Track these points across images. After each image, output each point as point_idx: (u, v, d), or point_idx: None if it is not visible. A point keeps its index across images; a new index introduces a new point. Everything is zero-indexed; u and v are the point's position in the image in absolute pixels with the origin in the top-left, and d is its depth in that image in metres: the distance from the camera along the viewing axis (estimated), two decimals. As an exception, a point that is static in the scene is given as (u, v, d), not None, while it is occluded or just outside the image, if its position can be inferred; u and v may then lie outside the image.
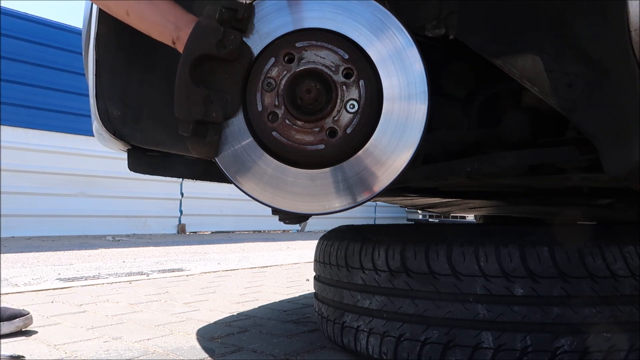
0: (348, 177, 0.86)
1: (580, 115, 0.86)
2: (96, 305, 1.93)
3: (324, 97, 0.85)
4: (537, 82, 0.88)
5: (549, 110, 1.05)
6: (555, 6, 0.87)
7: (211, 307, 1.91)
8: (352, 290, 1.21)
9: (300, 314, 1.80)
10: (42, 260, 3.77)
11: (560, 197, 1.75)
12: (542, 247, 1.02)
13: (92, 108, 1.17)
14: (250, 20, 0.86)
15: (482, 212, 2.91)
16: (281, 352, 1.31)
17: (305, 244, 6.29)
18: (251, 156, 0.88)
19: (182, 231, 8.06)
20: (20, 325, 1.46)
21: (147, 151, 1.27)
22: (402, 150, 0.84)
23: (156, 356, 1.27)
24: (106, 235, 6.91)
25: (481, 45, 0.93)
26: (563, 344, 0.98)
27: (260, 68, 0.86)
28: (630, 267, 1.01)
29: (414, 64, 0.84)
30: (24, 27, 6.63)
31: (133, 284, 2.50)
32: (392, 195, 1.93)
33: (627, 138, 0.82)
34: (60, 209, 6.74)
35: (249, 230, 9.13)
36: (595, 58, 0.84)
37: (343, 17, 0.85)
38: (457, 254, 1.06)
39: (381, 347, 1.13)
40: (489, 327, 1.02)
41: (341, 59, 0.84)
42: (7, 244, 5.09)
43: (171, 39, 0.92)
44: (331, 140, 0.84)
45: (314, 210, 0.89)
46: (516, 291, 1.01)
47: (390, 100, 0.84)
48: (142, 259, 4.01)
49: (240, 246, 5.73)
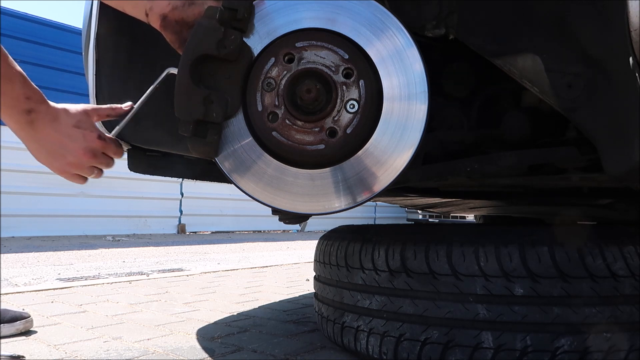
0: (348, 177, 0.86)
1: (580, 115, 0.86)
2: (96, 305, 1.93)
3: (324, 97, 0.85)
4: (537, 82, 0.88)
5: (549, 110, 1.05)
6: (556, 6, 0.87)
7: (211, 307, 1.91)
8: (352, 290, 1.21)
9: (300, 314, 1.80)
10: (42, 260, 3.77)
11: (560, 197, 1.75)
12: (542, 247, 1.02)
13: (92, 108, 1.16)
14: (250, 21, 0.86)
15: (482, 212, 2.91)
16: (281, 352, 1.31)
17: (305, 244, 6.29)
18: (251, 156, 0.88)
19: (182, 231, 8.05)
20: (21, 327, 1.46)
21: (147, 151, 1.27)
22: (402, 150, 0.84)
23: (156, 356, 1.27)
24: (106, 235, 6.91)
25: (481, 45, 0.93)
26: (563, 344, 0.98)
27: (260, 68, 0.86)
28: (630, 267, 1.01)
29: (414, 64, 0.84)
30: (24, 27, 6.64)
31: (133, 284, 2.50)
32: (392, 195, 1.93)
33: (627, 138, 0.82)
34: (60, 209, 6.74)
35: (249, 230, 9.13)
36: (595, 58, 0.84)
37: (343, 17, 0.85)
38: (457, 254, 1.06)
39: (381, 347, 1.13)
40: (489, 327, 1.02)
41: (341, 59, 0.84)
42: (7, 244, 5.09)
43: (144, 10, 0.88)
44: (331, 140, 0.84)
45: (313, 210, 0.89)
46: (516, 291, 1.01)
47: (390, 100, 0.84)
48: (142, 259, 4.01)
49: (240, 246, 5.73)
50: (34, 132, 0.89)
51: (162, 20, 0.88)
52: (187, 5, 0.87)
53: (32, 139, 0.90)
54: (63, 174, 0.94)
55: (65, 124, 0.90)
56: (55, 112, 0.90)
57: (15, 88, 0.86)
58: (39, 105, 0.88)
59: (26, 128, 0.88)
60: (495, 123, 1.21)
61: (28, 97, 0.87)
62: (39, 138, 0.90)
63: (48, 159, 0.92)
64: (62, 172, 0.94)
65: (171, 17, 0.87)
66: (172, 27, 0.88)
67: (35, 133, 0.89)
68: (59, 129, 0.89)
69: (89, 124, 0.92)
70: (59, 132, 0.89)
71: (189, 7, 0.87)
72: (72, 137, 0.90)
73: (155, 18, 0.88)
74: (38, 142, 0.90)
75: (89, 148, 0.90)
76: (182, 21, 0.87)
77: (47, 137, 0.89)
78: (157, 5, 0.87)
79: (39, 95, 0.89)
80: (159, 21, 0.88)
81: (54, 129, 0.89)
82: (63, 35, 7.00)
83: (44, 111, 0.88)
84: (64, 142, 0.90)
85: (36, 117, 0.88)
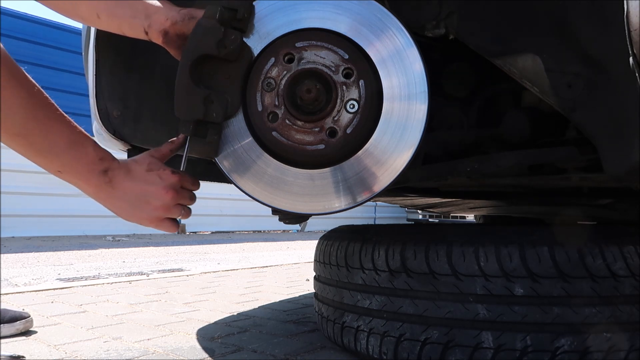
0: (348, 177, 0.86)
1: (580, 115, 0.86)
2: (96, 305, 1.93)
3: (324, 97, 0.85)
4: (537, 82, 0.88)
5: (549, 110, 1.05)
6: (555, 6, 0.87)
7: (211, 307, 1.91)
8: (352, 290, 1.21)
9: (300, 314, 1.80)
10: (42, 260, 3.77)
11: (560, 197, 1.75)
12: (542, 247, 1.02)
13: (92, 108, 1.17)
14: (250, 20, 0.86)
15: (482, 212, 2.91)
16: (281, 352, 1.31)
17: (305, 244, 6.29)
18: (251, 156, 0.88)
19: (182, 231, 8.05)
20: (21, 328, 1.46)
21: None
22: (402, 150, 0.84)
23: (156, 356, 1.27)
24: (106, 235, 6.91)
25: (481, 45, 0.93)
26: (563, 344, 0.98)
27: (260, 68, 0.86)
28: (630, 267, 1.01)
29: (414, 63, 0.84)
30: (24, 27, 6.64)
31: (133, 284, 2.50)
32: (392, 195, 1.93)
33: (627, 138, 0.82)
34: (60, 209, 6.74)
35: (249, 230, 9.13)
36: (595, 58, 0.84)
37: (343, 17, 0.85)
38: (457, 254, 1.06)
39: (381, 347, 1.13)
40: (489, 327, 1.02)
41: (341, 59, 0.84)
42: (7, 244, 5.09)
43: (142, 29, 0.88)
44: (331, 140, 0.84)
45: (313, 211, 0.89)
46: (516, 291, 1.01)
47: (390, 100, 0.84)
48: (142, 259, 4.01)
49: (240, 246, 5.73)
50: (114, 190, 0.88)
51: (164, 36, 0.88)
52: (187, 19, 0.86)
53: (114, 197, 0.89)
54: (154, 222, 0.92)
55: (139, 172, 0.89)
56: (126, 165, 0.89)
57: (89, 152, 0.86)
58: (112, 162, 0.88)
59: (106, 188, 0.88)
60: (495, 123, 1.21)
61: (101, 158, 0.87)
62: (120, 195, 0.89)
63: (135, 212, 0.90)
64: (152, 220, 0.91)
65: (172, 32, 0.87)
66: (175, 42, 0.88)
67: (115, 191, 0.89)
68: (135, 178, 0.89)
69: (159, 164, 0.90)
70: (137, 181, 0.89)
71: (189, 20, 0.86)
72: (149, 181, 0.89)
73: (156, 35, 0.88)
74: (120, 199, 0.89)
75: (169, 186, 0.89)
76: (183, 35, 0.87)
77: (127, 191, 0.89)
78: (156, 22, 0.87)
79: (109, 153, 0.89)
80: (161, 37, 0.88)
81: (131, 179, 0.88)
82: (63, 35, 7.01)
83: (118, 167, 0.88)
84: (144, 189, 0.89)
85: (112, 175, 0.88)
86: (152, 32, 0.88)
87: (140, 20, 0.88)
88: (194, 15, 0.86)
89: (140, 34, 0.89)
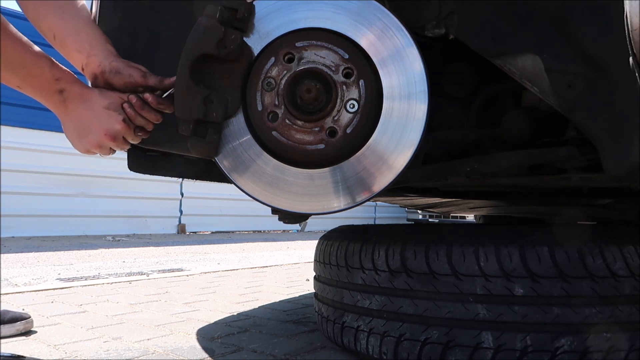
0: (348, 177, 0.86)
1: (580, 115, 0.86)
2: (96, 305, 1.93)
3: (324, 97, 0.85)
4: (537, 82, 0.88)
5: (549, 110, 1.05)
6: (555, 6, 0.87)
7: (211, 307, 1.91)
8: (352, 290, 1.21)
9: (300, 314, 1.80)
10: (42, 260, 3.77)
11: (560, 197, 1.75)
12: (542, 247, 1.02)
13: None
14: (250, 20, 0.86)
15: (482, 212, 2.91)
16: (281, 352, 1.31)
17: (305, 244, 6.29)
18: (251, 156, 0.88)
19: (182, 231, 8.05)
20: (21, 328, 1.46)
21: (147, 151, 1.27)
22: (402, 150, 0.84)
23: (156, 356, 1.27)
24: (106, 235, 6.91)
25: (481, 45, 0.93)
26: (563, 344, 0.98)
27: (260, 68, 0.86)
28: (630, 267, 1.01)
29: (413, 63, 0.84)
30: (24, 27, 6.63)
31: (133, 284, 2.50)
32: (392, 195, 1.93)
33: (627, 138, 0.82)
34: (60, 209, 6.74)
35: (249, 230, 9.13)
36: (595, 58, 0.84)
37: (343, 17, 0.85)
38: (457, 254, 1.06)
39: (381, 347, 1.13)
40: (489, 327, 1.02)
41: (341, 59, 0.84)
42: (7, 244, 5.09)
43: (81, 65, 0.98)
44: (331, 140, 0.84)
45: (313, 210, 0.89)
46: (516, 291, 1.01)
47: (390, 100, 0.84)
48: (142, 259, 4.01)
49: (240, 246, 5.73)
50: (67, 111, 0.97)
51: (94, 79, 0.97)
52: (114, 73, 0.95)
53: (67, 118, 0.98)
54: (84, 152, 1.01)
55: (96, 105, 0.95)
56: (89, 92, 0.96)
57: (45, 71, 0.94)
58: (70, 85, 0.96)
59: (60, 106, 0.97)
60: (495, 123, 1.20)
61: (58, 79, 0.95)
62: (71, 117, 0.97)
63: (74, 136, 0.99)
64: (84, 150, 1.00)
65: (101, 78, 0.97)
66: (103, 86, 0.97)
67: (68, 112, 0.97)
68: (89, 108, 0.96)
69: (118, 107, 0.96)
70: (89, 110, 0.96)
71: (115, 74, 0.95)
72: (99, 117, 0.95)
73: (88, 75, 0.98)
74: (71, 121, 0.98)
75: (111, 131, 0.95)
76: (109, 85, 0.96)
77: (77, 116, 0.97)
78: (91, 64, 0.96)
79: (70, 76, 0.96)
80: (91, 79, 0.98)
81: (85, 108, 0.96)
82: (63, 35, 6.99)
83: (76, 91, 0.96)
84: (89, 122, 0.96)
85: (68, 96, 0.96)
86: (86, 71, 0.98)
87: (82, 57, 0.97)
88: (120, 72, 0.95)
89: (79, 68, 0.99)
